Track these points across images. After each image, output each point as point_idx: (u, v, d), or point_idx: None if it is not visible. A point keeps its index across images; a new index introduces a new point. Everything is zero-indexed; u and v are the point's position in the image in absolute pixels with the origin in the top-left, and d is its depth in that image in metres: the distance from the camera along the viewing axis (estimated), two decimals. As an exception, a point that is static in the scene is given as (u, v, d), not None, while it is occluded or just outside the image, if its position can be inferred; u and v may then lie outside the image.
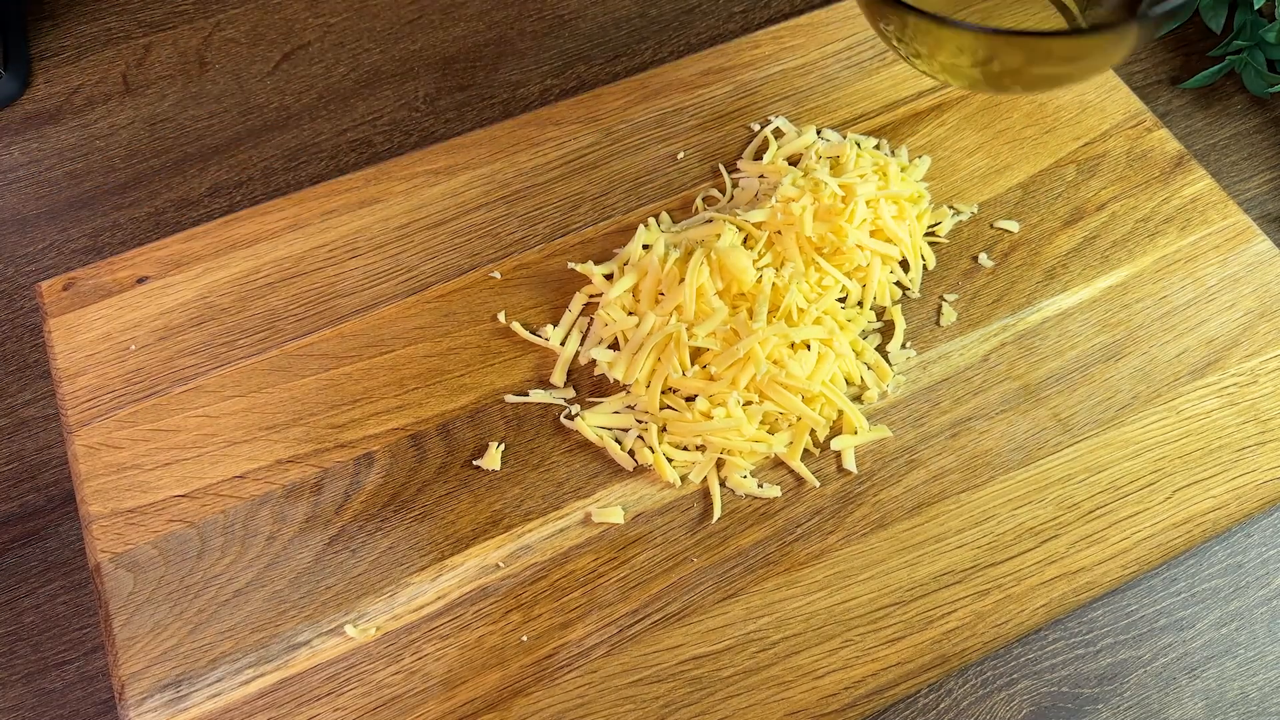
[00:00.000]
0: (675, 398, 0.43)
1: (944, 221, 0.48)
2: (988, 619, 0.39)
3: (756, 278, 0.43)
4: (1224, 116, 0.56)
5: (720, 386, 0.42)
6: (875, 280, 0.45)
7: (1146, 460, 0.43)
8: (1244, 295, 0.46)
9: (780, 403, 0.42)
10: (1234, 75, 0.57)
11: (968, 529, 0.41)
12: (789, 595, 0.40)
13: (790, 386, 0.42)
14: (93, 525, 0.41)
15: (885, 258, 0.46)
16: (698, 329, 0.42)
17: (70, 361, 0.45)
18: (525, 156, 0.51)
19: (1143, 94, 0.57)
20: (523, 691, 0.38)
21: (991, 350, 0.45)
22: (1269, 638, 0.42)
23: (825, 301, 0.44)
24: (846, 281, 0.45)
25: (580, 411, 0.43)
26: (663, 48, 0.60)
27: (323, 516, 0.42)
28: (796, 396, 0.42)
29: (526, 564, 0.41)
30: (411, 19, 0.61)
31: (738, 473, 0.42)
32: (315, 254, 0.48)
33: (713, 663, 0.39)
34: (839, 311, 0.45)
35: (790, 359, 0.42)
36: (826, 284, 0.45)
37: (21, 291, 0.51)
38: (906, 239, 0.46)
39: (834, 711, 0.38)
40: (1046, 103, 0.52)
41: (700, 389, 0.42)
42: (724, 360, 0.42)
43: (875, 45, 0.55)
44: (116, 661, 0.39)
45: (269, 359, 0.45)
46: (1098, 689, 0.41)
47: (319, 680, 0.38)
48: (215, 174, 0.55)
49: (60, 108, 0.57)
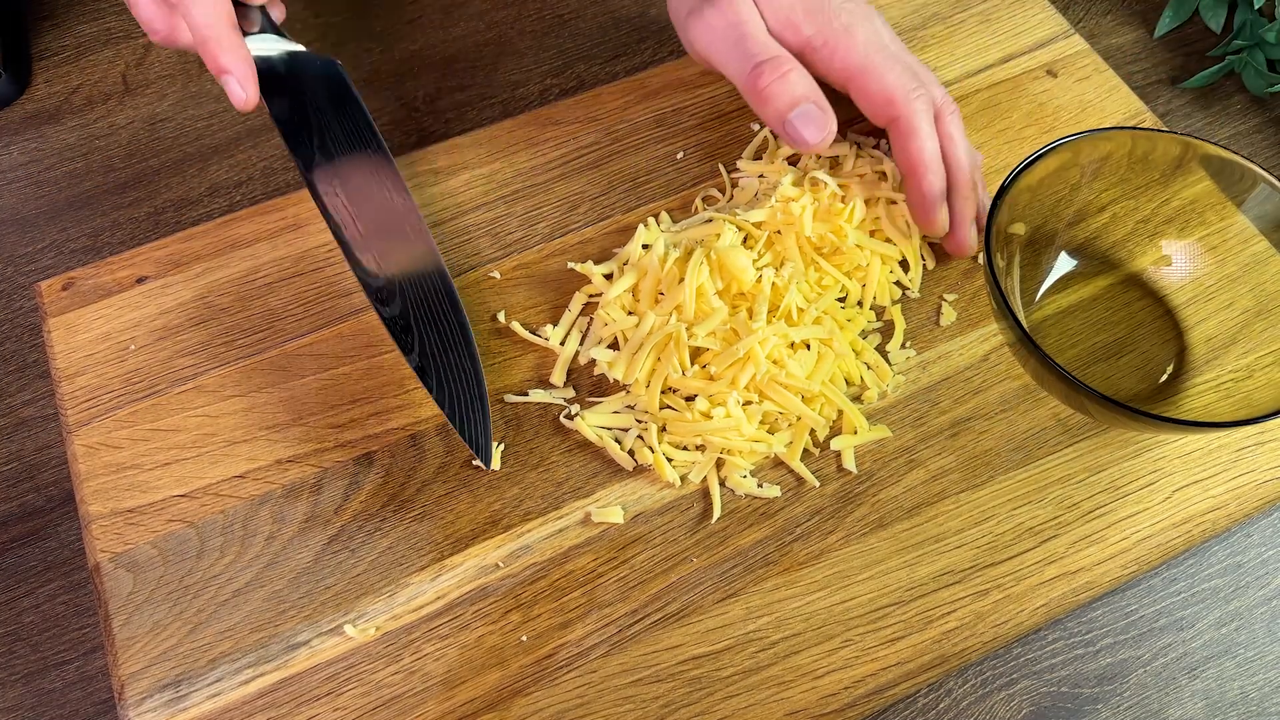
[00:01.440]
0: (675, 398, 0.43)
1: None
2: (987, 619, 0.39)
3: (756, 278, 0.43)
4: (1224, 116, 0.57)
5: (720, 386, 0.42)
6: (875, 280, 0.45)
7: (1146, 460, 0.43)
8: (1241, 295, 0.45)
9: (780, 402, 0.42)
10: (1234, 75, 0.57)
11: (967, 529, 0.41)
12: (789, 595, 0.40)
13: (790, 386, 0.42)
14: (92, 525, 0.41)
15: (885, 257, 0.46)
16: (697, 329, 0.42)
17: (69, 361, 0.45)
18: (525, 156, 0.51)
19: (1143, 94, 0.57)
20: (522, 691, 0.38)
21: (991, 350, 0.45)
22: (1269, 638, 0.42)
23: (825, 301, 0.44)
24: (846, 281, 0.45)
25: (580, 411, 0.43)
26: (662, 48, 0.60)
27: (322, 516, 0.42)
28: (796, 396, 0.42)
29: (526, 564, 0.41)
30: (411, 19, 0.61)
31: (737, 473, 0.42)
32: (315, 254, 0.48)
33: (712, 663, 0.39)
34: (839, 311, 0.45)
35: (790, 359, 0.42)
36: (826, 284, 0.45)
37: (21, 291, 0.51)
38: (906, 239, 0.46)
39: (834, 711, 0.38)
40: (1046, 103, 0.52)
41: (700, 389, 0.42)
42: (724, 360, 0.42)
43: (875, 45, 0.55)
44: (116, 661, 0.39)
45: (269, 359, 0.45)
46: (1098, 689, 0.41)
47: (318, 680, 0.38)
48: (215, 174, 0.55)
49: (60, 108, 0.57)
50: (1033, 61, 0.54)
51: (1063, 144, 0.43)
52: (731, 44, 0.44)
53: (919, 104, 0.43)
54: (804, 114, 0.43)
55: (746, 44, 0.44)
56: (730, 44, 0.44)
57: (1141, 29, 0.60)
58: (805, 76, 0.44)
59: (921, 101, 0.44)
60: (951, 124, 0.45)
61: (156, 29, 0.45)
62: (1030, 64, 0.54)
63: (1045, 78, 0.53)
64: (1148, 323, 0.46)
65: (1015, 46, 0.54)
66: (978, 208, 0.46)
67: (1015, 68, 0.54)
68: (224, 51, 0.43)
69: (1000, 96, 0.53)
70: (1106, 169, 0.45)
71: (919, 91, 0.44)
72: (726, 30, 0.44)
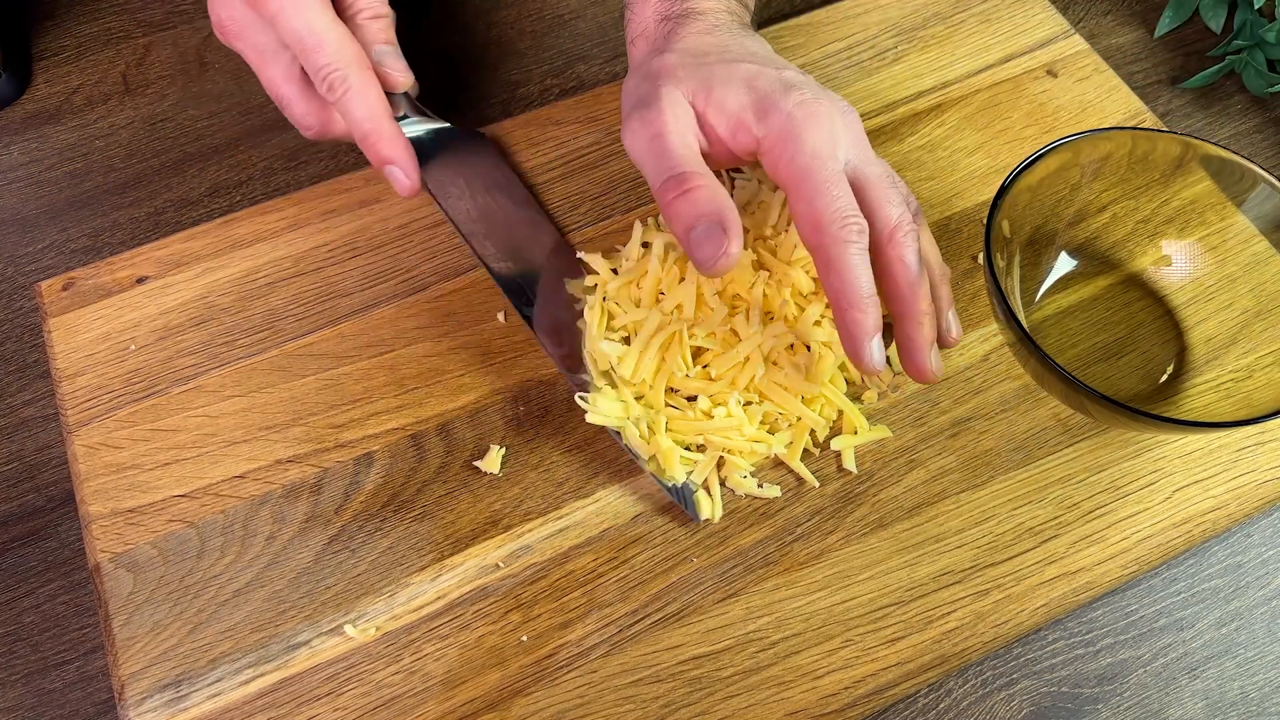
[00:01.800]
0: (676, 397, 0.43)
1: None
2: (988, 619, 0.39)
3: (753, 281, 0.43)
4: (1224, 116, 0.57)
5: (720, 386, 0.42)
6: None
7: (1146, 460, 0.43)
8: (1241, 295, 0.45)
9: (780, 403, 0.42)
10: (1234, 75, 0.57)
11: (968, 529, 0.41)
12: (789, 595, 0.40)
13: (790, 387, 0.42)
14: (92, 525, 0.41)
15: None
16: (697, 329, 0.42)
17: (70, 361, 0.45)
18: (525, 156, 0.51)
19: (1143, 94, 0.57)
20: (522, 691, 0.38)
21: (991, 350, 0.45)
22: (1269, 638, 0.42)
23: (823, 303, 0.44)
24: None
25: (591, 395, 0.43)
26: (663, 48, 0.59)
27: (322, 516, 0.42)
28: (796, 397, 0.42)
29: (526, 564, 0.41)
30: (411, 19, 0.61)
31: (738, 473, 0.42)
32: (315, 254, 0.48)
33: (712, 663, 0.39)
34: None
35: (790, 360, 0.42)
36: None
37: (21, 291, 0.51)
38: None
39: (834, 711, 0.38)
40: (1047, 103, 0.52)
41: (701, 389, 0.42)
42: (724, 362, 0.42)
43: (875, 45, 0.55)
44: (116, 661, 0.39)
45: (269, 359, 0.45)
46: (1098, 689, 0.41)
47: (319, 680, 0.38)
48: (215, 174, 0.55)
49: (60, 108, 0.57)
50: (1033, 61, 0.54)
51: (1063, 144, 0.43)
52: (651, 155, 0.41)
53: (846, 233, 0.38)
54: (700, 234, 0.38)
55: (662, 157, 0.40)
56: (650, 155, 0.41)
57: (1141, 29, 0.60)
58: (714, 193, 0.39)
59: (852, 231, 0.38)
60: (904, 247, 0.39)
61: (310, 125, 0.45)
62: (1030, 64, 0.54)
63: (1045, 78, 0.53)
64: (1148, 323, 0.46)
65: (1015, 46, 0.54)
66: (945, 328, 0.42)
67: (1015, 68, 0.54)
68: (386, 143, 0.43)
69: (1000, 96, 0.53)
70: (1106, 169, 0.45)
71: (848, 223, 0.38)
72: (649, 141, 0.41)
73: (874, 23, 0.55)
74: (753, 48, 0.43)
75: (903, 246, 0.39)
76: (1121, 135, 0.44)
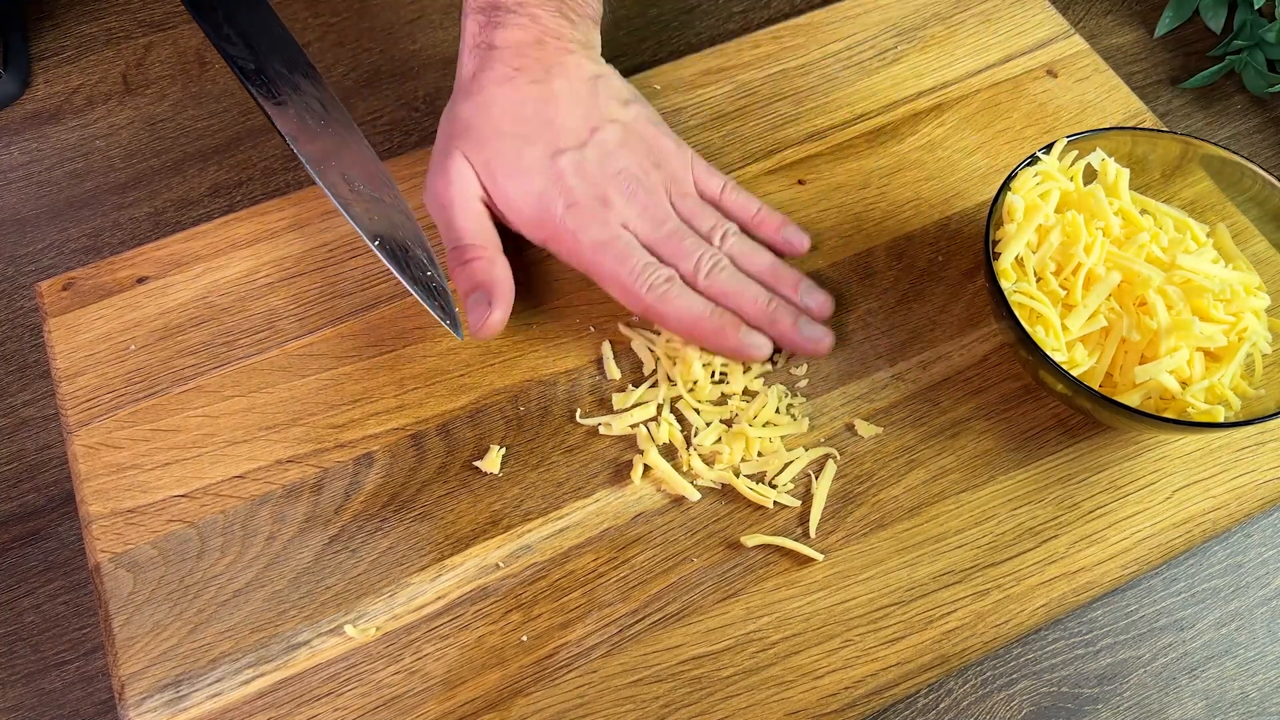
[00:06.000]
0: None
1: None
2: (988, 619, 0.39)
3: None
4: (1224, 116, 0.57)
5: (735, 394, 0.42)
6: None
7: (1146, 460, 0.43)
8: (1244, 295, 0.45)
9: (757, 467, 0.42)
10: (1234, 75, 0.57)
11: (968, 529, 0.41)
12: (789, 595, 0.40)
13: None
14: (92, 525, 0.41)
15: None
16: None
17: (70, 361, 0.45)
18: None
19: (1143, 94, 0.57)
20: (523, 691, 0.38)
21: (991, 350, 0.45)
22: (1269, 638, 0.42)
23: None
24: None
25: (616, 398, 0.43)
26: (662, 48, 0.59)
27: (322, 516, 0.42)
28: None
29: (526, 564, 0.41)
30: (411, 19, 0.61)
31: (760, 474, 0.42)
32: (315, 254, 0.48)
33: (712, 663, 0.39)
34: None
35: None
36: None
37: (21, 291, 0.51)
38: None
39: (834, 711, 0.38)
40: (1047, 103, 0.52)
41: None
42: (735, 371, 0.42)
43: (875, 45, 0.55)
44: (116, 661, 0.39)
45: (269, 359, 0.45)
46: (1098, 689, 0.41)
47: (319, 680, 0.38)
48: (215, 174, 0.55)
49: (60, 108, 0.57)
50: (1033, 61, 0.54)
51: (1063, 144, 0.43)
52: (441, 223, 0.45)
53: (653, 294, 0.42)
54: (471, 302, 0.43)
55: (449, 229, 0.44)
56: (440, 222, 0.45)
57: (1141, 29, 0.60)
58: (489, 266, 0.43)
59: (658, 283, 0.42)
60: (715, 280, 0.43)
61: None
62: (1030, 64, 0.54)
63: (1045, 78, 0.53)
64: (1148, 323, 0.46)
65: (1015, 46, 0.54)
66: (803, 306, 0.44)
67: (1015, 68, 0.54)
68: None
69: (1000, 96, 0.53)
70: (1107, 169, 0.45)
71: (650, 281, 0.42)
72: (440, 210, 0.44)
73: (874, 23, 0.55)
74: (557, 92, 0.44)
75: (714, 280, 0.43)
76: (1121, 135, 0.44)
